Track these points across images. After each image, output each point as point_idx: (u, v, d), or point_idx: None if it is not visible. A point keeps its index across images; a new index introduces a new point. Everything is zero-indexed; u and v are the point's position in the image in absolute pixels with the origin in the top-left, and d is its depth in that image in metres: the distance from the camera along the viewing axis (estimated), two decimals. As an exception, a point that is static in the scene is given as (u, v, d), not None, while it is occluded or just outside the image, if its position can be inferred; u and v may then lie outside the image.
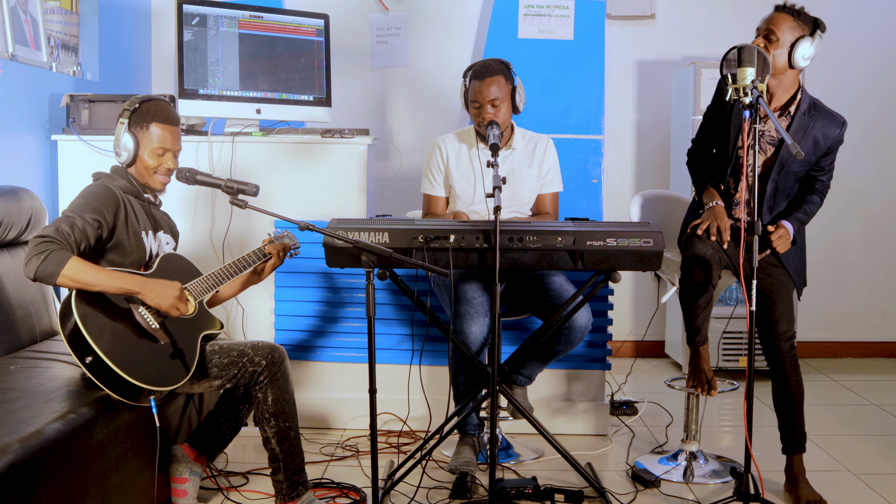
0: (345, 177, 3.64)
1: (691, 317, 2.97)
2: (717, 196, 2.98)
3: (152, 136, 2.64)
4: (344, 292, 3.59)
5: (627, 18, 4.87)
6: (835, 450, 3.43)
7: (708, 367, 3.04)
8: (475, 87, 3.12)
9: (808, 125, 2.91)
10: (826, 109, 2.96)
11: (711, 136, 3.07)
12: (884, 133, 4.97)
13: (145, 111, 2.64)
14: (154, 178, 2.68)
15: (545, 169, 3.30)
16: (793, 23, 2.84)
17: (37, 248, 2.29)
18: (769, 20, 2.88)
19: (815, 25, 2.84)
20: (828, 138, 2.93)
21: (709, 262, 2.85)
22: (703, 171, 3.10)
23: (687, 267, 2.90)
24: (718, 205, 2.94)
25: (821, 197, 3.03)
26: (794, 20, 2.84)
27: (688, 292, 2.93)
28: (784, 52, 2.84)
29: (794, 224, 2.94)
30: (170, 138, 2.66)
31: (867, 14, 4.90)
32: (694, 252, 2.87)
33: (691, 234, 2.93)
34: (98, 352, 2.30)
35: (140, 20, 4.73)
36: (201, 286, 2.66)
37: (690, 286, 2.91)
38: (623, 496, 2.95)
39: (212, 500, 2.90)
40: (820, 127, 2.92)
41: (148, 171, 2.66)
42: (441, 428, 2.97)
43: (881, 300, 5.06)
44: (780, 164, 2.92)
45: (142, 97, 2.69)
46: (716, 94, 3.07)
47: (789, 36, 2.83)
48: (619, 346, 4.98)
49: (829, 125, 2.93)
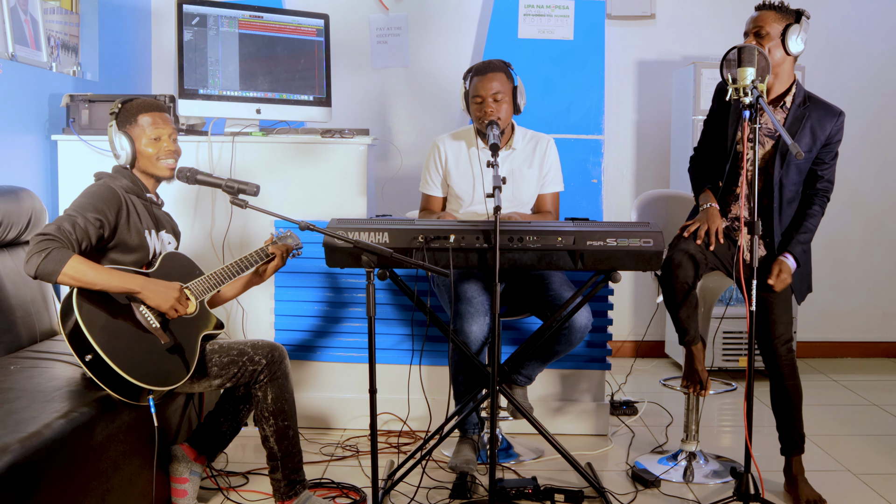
0: (345, 177, 3.64)
1: (676, 316, 2.98)
2: (713, 199, 3.00)
3: (143, 127, 2.66)
4: (344, 292, 3.59)
5: (627, 18, 4.87)
6: (835, 450, 3.43)
7: (702, 367, 3.04)
8: (477, 82, 3.12)
9: (803, 116, 2.93)
10: (822, 101, 2.99)
11: (713, 138, 3.08)
12: (884, 132, 4.98)
13: (128, 109, 2.68)
14: (159, 166, 2.69)
15: (546, 169, 3.29)
16: (777, 15, 2.90)
17: (38, 245, 2.29)
18: (755, 19, 2.92)
19: (798, 14, 2.90)
20: (825, 129, 2.94)
21: (690, 261, 2.86)
22: (704, 173, 3.11)
23: (667, 266, 2.92)
24: (713, 207, 2.96)
25: (821, 206, 3.02)
26: (778, 13, 2.90)
27: (668, 292, 2.95)
28: (777, 45, 2.89)
29: (797, 250, 2.94)
30: (160, 122, 2.69)
31: (867, 13, 4.89)
32: (675, 251, 2.90)
33: (678, 235, 2.96)
34: (98, 350, 2.30)
35: (140, 20, 4.73)
36: (202, 286, 2.66)
37: (670, 286, 2.93)
38: (623, 496, 2.95)
39: (212, 500, 2.90)
40: (816, 118, 2.94)
41: (150, 160, 2.67)
42: (441, 428, 2.97)
43: (881, 300, 5.06)
44: (781, 156, 2.92)
45: (122, 98, 2.73)
46: (715, 98, 3.09)
47: (777, 28, 2.88)
48: (619, 346, 4.98)
49: (826, 116, 2.94)
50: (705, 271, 2.96)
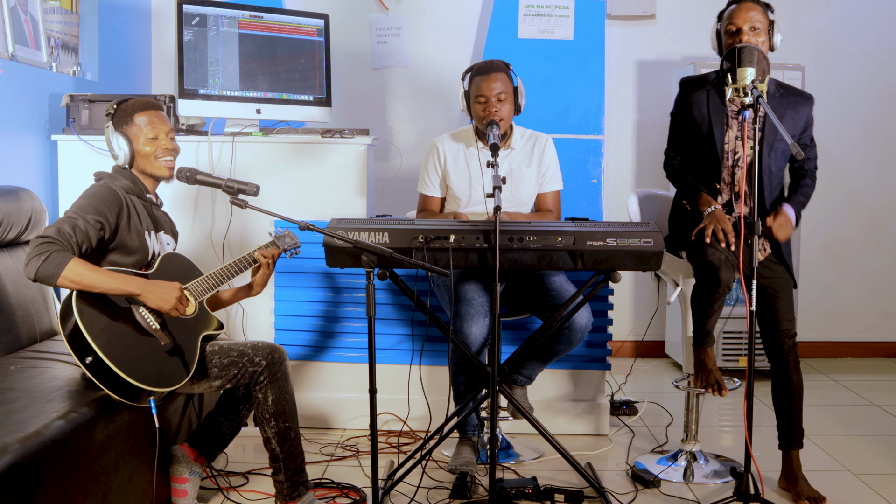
0: (345, 177, 3.64)
1: (704, 320, 2.96)
2: (714, 201, 2.99)
3: (140, 126, 2.66)
4: (344, 292, 3.59)
5: (627, 18, 4.87)
6: (835, 450, 3.43)
7: (716, 368, 3.05)
8: (479, 82, 3.12)
9: (783, 105, 2.97)
10: (792, 88, 3.05)
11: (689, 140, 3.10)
12: (883, 132, 4.97)
13: (123, 109, 2.67)
14: (157, 165, 2.68)
15: (544, 167, 3.29)
16: (762, 9, 2.94)
17: (38, 248, 2.29)
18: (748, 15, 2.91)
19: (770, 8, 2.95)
20: (801, 115, 3.01)
21: (722, 265, 2.84)
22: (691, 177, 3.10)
23: (703, 272, 2.88)
24: (717, 209, 2.94)
25: (812, 178, 3.08)
26: (763, 8, 2.94)
27: (704, 296, 2.92)
28: (766, 40, 2.92)
29: (796, 206, 2.97)
30: (156, 120, 2.68)
31: (867, 13, 4.89)
32: (708, 257, 2.85)
33: (699, 240, 2.92)
34: (98, 352, 2.30)
35: (140, 20, 4.73)
36: (202, 286, 2.66)
37: (707, 291, 2.89)
38: (623, 496, 2.95)
39: (212, 500, 2.90)
40: (793, 104, 3.00)
41: (148, 159, 2.67)
42: (441, 428, 2.97)
43: (881, 300, 5.06)
44: (769, 146, 2.95)
45: (118, 99, 2.72)
46: (680, 101, 3.10)
47: (765, 22, 2.93)
48: (619, 346, 4.98)
49: (799, 103, 3.02)
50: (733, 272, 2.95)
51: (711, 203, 2.97)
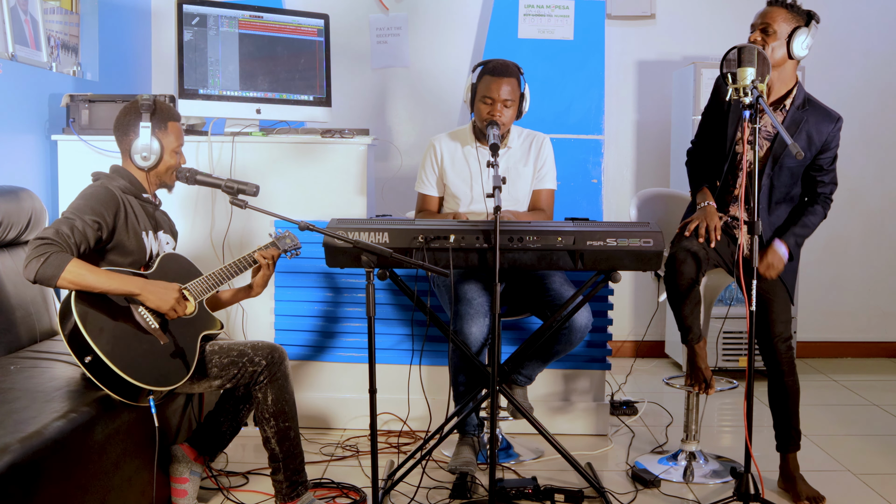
0: (345, 177, 3.64)
1: (679, 314, 2.98)
2: (710, 197, 3.00)
3: (173, 137, 2.68)
4: (344, 292, 3.59)
5: (627, 18, 4.87)
6: (834, 450, 3.43)
7: (705, 366, 3.04)
8: (490, 82, 3.10)
9: (801, 119, 2.92)
10: (821, 105, 2.97)
11: (710, 135, 3.08)
12: (883, 132, 4.98)
13: (161, 111, 2.65)
14: (173, 177, 2.71)
15: (540, 165, 3.29)
16: (787, 14, 2.87)
17: (37, 250, 2.29)
18: (764, 14, 2.90)
19: (808, 16, 2.88)
20: (822, 134, 2.93)
21: (693, 258, 2.86)
22: (701, 171, 3.11)
23: (671, 263, 2.91)
24: (710, 205, 2.96)
25: (824, 207, 3.02)
26: (789, 12, 2.88)
27: (672, 289, 2.94)
28: (782, 45, 2.87)
29: (791, 241, 2.95)
30: (181, 133, 2.72)
31: (867, 13, 4.90)
32: (678, 248, 2.89)
33: (679, 232, 2.95)
34: (97, 352, 2.30)
35: (140, 20, 4.73)
36: (201, 286, 2.66)
37: (674, 283, 2.92)
38: (623, 496, 2.95)
39: (212, 500, 2.90)
40: (814, 122, 2.93)
41: (169, 171, 2.69)
42: (441, 428, 2.97)
43: (881, 300, 5.06)
44: (774, 158, 2.92)
45: (148, 97, 2.67)
46: (713, 93, 3.08)
47: (785, 28, 2.86)
48: (619, 346, 4.98)
49: (823, 121, 2.93)
50: (708, 268, 2.96)
51: (707, 199, 2.98)
